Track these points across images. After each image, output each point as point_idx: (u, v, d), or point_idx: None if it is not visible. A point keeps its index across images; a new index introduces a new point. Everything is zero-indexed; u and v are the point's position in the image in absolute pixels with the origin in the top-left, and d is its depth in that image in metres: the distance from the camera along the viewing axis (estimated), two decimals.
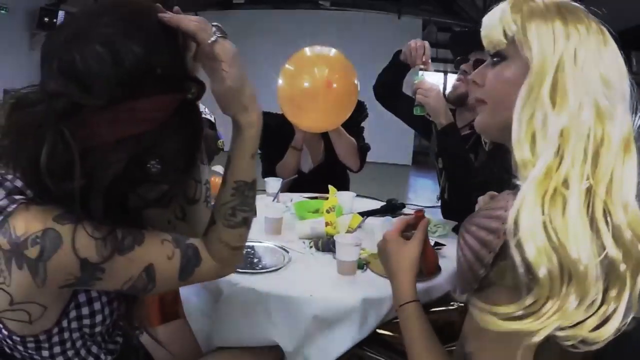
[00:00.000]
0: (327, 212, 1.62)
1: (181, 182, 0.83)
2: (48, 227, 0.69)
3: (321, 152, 2.46)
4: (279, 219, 1.64)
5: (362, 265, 1.36)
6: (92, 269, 0.71)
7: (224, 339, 1.22)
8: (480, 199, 1.13)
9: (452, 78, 7.69)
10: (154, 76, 0.71)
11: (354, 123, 2.35)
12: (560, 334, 0.63)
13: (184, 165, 0.79)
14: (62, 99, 0.67)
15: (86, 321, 0.80)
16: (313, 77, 2.01)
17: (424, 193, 6.67)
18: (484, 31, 0.82)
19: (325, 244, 1.49)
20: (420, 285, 1.22)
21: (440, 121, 1.73)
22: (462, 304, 1.30)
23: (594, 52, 0.72)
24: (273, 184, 2.13)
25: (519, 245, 0.62)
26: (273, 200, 2.05)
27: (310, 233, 1.57)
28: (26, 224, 0.68)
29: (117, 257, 0.72)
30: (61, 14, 6.23)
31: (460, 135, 1.77)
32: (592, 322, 0.63)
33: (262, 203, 1.71)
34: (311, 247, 1.51)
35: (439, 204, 2.23)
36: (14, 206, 0.70)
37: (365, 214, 1.85)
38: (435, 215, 2.01)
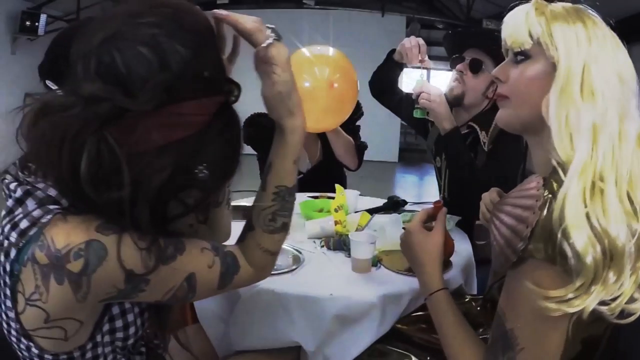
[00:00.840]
0: (336, 210, 1.63)
1: (222, 187, 0.80)
2: (92, 239, 0.65)
3: (318, 151, 2.46)
4: None
5: (375, 262, 1.37)
6: (137, 280, 0.68)
7: (244, 342, 1.22)
8: (485, 195, 1.19)
9: (437, 75, 7.77)
10: (199, 78, 0.68)
11: (351, 121, 2.34)
12: (602, 308, 0.70)
13: (226, 170, 0.76)
14: (105, 104, 0.63)
15: (119, 334, 0.77)
16: (314, 78, 2.01)
17: (410, 189, 6.73)
18: (507, 31, 0.88)
19: (337, 243, 1.49)
20: None
21: (444, 126, 1.73)
22: (475, 296, 1.34)
23: (611, 53, 0.80)
24: None
25: (566, 234, 0.68)
26: None
27: (320, 232, 1.58)
28: (67, 235, 0.64)
29: (161, 267, 0.70)
30: (43, 17, 6.10)
31: (463, 138, 1.78)
32: (628, 293, 0.71)
33: None
34: (322, 246, 1.52)
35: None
36: (49, 217, 0.66)
37: (370, 212, 1.87)
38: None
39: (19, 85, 5.58)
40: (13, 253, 0.66)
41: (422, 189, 6.92)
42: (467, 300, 1.32)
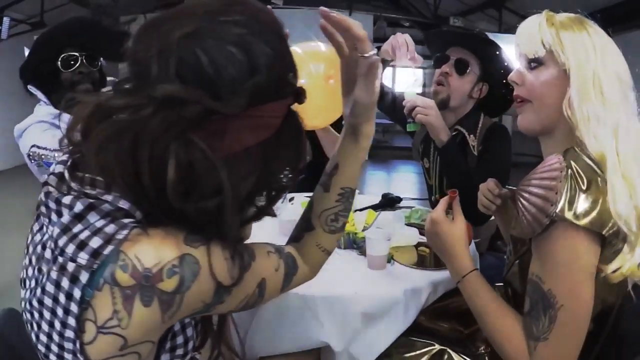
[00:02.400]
0: None
1: (293, 186, 0.77)
2: (184, 253, 0.60)
3: (307, 149, 2.47)
4: (294, 220, 1.64)
5: (389, 258, 1.40)
6: (223, 292, 0.65)
7: (269, 347, 1.21)
8: (483, 185, 1.30)
9: (400, 71, 7.88)
10: (281, 79, 0.66)
11: (337, 119, 2.37)
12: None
13: (300, 170, 0.75)
14: (193, 106, 0.58)
15: (179, 351, 0.73)
16: (310, 74, 2.01)
17: (379, 185, 6.80)
18: (522, 39, 0.99)
19: (347, 242, 1.51)
20: (444, 275, 1.30)
21: (442, 138, 1.71)
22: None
23: (613, 57, 0.94)
24: None
25: (619, 218, 0.83)
26: (282, 202, 2.05)
27: None
28: (156, 251, 0.59)
29: (243, 277, 0.67)
30: (6, 20, 5.84)
31: (458, 147, 1.78)
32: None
33: None
34: None
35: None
36: (124, 232, 0.60)
37: (367, 209, 1.89)
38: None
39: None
40: (84, 277, 0.59)
41: (390, 186, 7.02)
42: None
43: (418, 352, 1.16)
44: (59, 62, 1.64)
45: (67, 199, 0.63)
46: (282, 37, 0.68)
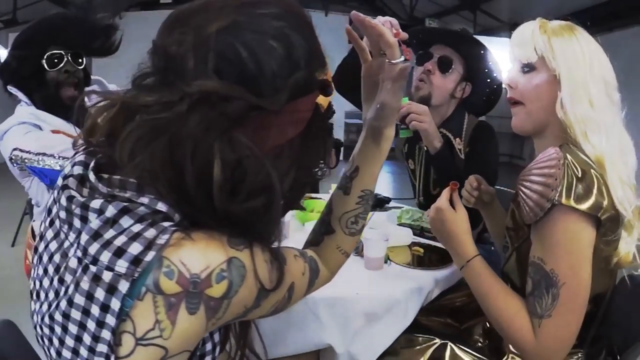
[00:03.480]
0: None
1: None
2: (231, 256, 0.57)
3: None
4: (287, 222, 1.64)
5: (386, 259, 1.40)
6: (262, 296, 0.62)
7: (271, 350, 1.19)
8: (466, 182, 1.37)
9: None
10: (315, 73, 0.65)
11: None
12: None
13: (327, 163, 0.75)
14: (236, 102, 0.56)
15: (208, 358, 0.70)
16: None
17: None
18: (516, 45, 1.06)
19: None
20: (440, 274, 1.34)
21: (435, 145, 1.69)
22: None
23: (599, 59, 1.01)
24: None
25: (620, 204, 0.92)
26: None
27: None
28: (203, 255, 0.55)
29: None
30: None
31: (450, 152, 1.77)
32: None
33: None
34: None
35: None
36: (165, 237, 0.56)
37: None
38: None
39: None
40: (124, 286, 0.54)
41: None
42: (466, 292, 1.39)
43: (421, 346, 1.18)
44: (44, 61, 1.59)
45: (95, 203, 0.58)
46: (314, 30, 0.66)
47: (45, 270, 0.64)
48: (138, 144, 0.56)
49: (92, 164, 0.63)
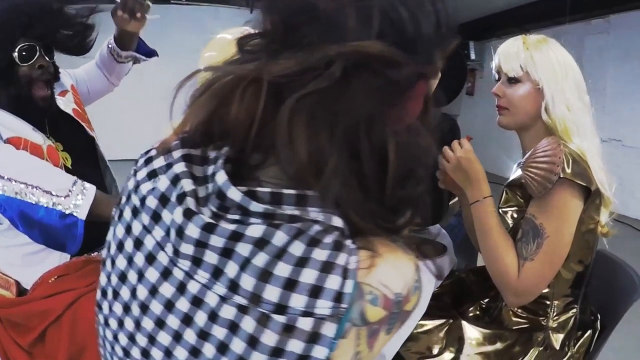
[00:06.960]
0: None
1: None
2: (415, 264, 0.50)
3: None
4: None
5: None
6: None
7: None
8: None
9: None
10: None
11: None
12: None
13: None
14: (407, 69, 0.46)
15: None
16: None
17: None
18: (503, 59, 1.25)
19: None
20: (442, 263, 1.49)
21: None
22: (462, 270, 1.62)
23: (572, 67, 1.22)
24: None
25: (602, 185, 1.15)
26: None
27: None
28: (397, 270, 0.48)
29: None
30: None
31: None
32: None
33: None
34: None
35: None
36: (354, 258, 0.45)
37: None
38: None
39: None
40: (331, 329, 0.44)
41: None
42: (460, 275, 1.58)
43: (433, 326, 1.30)
44: (16, 55, 1.33)
45: (255, 230, 0.45)
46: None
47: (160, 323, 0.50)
48: (304, 132, 0.45)
49: (222, 175, 0.48)
